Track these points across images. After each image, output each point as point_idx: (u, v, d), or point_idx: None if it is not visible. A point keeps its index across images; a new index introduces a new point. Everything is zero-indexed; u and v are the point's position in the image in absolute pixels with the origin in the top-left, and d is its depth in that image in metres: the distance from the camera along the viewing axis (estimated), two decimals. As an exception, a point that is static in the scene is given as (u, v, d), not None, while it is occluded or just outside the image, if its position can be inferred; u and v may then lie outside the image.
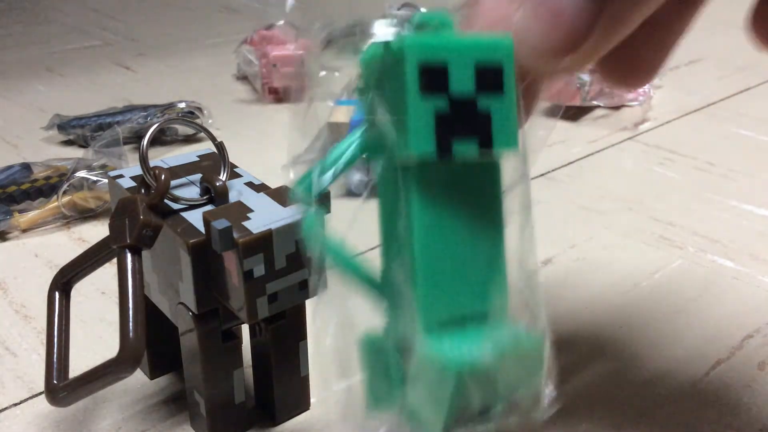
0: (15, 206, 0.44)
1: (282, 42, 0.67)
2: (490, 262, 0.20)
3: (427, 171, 0.19)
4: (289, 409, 0.30)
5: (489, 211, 0.20)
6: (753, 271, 0.39)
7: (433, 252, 0.19)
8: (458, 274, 0.19)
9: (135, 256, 0.26)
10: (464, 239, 0.19)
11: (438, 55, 0.18)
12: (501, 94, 0.19)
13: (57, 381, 0.27)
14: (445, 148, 0.18)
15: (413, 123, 0.18)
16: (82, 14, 0.95)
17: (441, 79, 0.18)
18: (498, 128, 0.19)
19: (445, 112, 0.18)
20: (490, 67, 0.19)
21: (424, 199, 0.19)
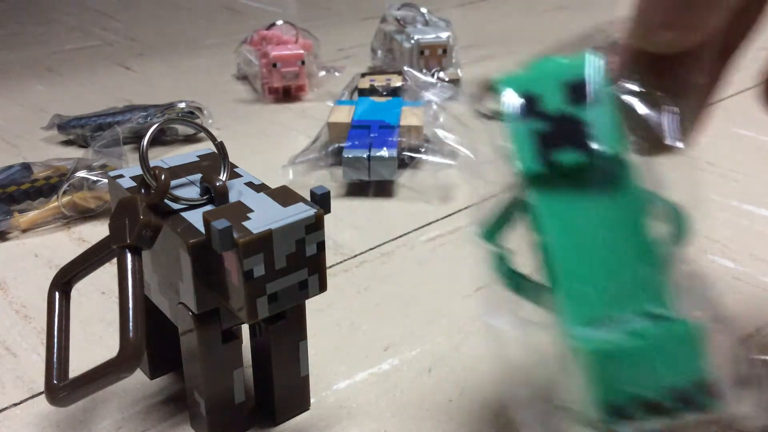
0: (15, 206, 0.44)
1: (282, 42, 0.67)
2: (639, 256, 0.20)
3: (546, 186, 0.21)
4: (289, 409, 0.30)
5: (626, 209, 0.21)
6: (753, 271, 0.39)
7: (568, 259, 0.20)
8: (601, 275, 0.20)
9: (135, 256, 0.26)
10: (603, 240, 0.20)
11: (527, 86, 0.21)
12: (595, 103, 0.20)
13: (57, 381, 0.27)
14: (548, 160, 0.20)
15: (515, 146, 0.21)
16: (82, 14, 0.95)
17: (533, 104, 0.21)
18: (599, 133, 0.20)
19: (544, 131, 0.21)
20: (579, 82, 0.21)
21: (547, 206, 0.21)
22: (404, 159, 0.49)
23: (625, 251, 0.20)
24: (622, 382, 0.19)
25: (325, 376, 0.32)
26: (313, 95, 0.66)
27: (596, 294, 0.20)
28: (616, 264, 0.20)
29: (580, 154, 0.20)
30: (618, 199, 0.21)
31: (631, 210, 0.21)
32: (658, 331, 0.19)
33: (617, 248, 0.20)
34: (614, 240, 0.20)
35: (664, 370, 0.19)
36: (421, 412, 0.30)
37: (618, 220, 0.20)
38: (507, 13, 0.97)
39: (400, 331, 0.35)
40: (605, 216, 0.20)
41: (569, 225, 0.20)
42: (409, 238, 0.43)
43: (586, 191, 0.21)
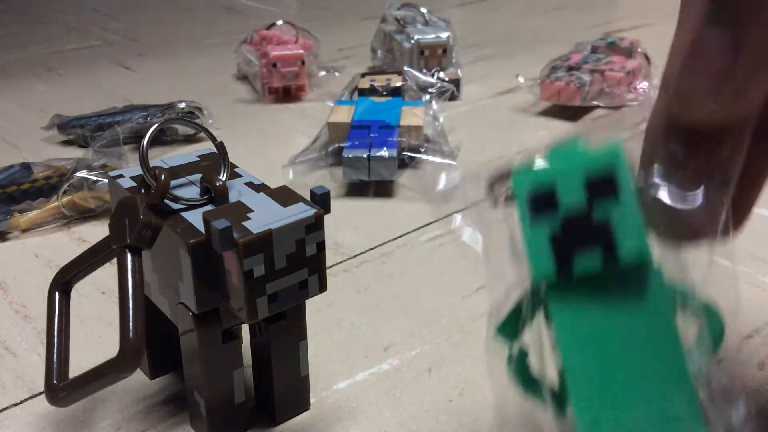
0: (15, 206, 0.44)
1: (282, 42, 0.67)
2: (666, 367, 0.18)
3: (564, 295, 0.19)
4: (289, 409, 0.30)
5: (653, 318, 0.19)
6: (753, 271, 0.39)
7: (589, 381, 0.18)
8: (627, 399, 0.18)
9: (135, 256, 0.26)
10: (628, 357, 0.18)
11: (543, 181, 0.18)
12: (617, 201, 0.18)
13: (57, 381, 0.27)
14: (566, 269, 0.18)
15: (529, 251, 0.19)
16: (82, 14, 0.95)
17: (549, 202, 0.18)
18: (622, 237, 0.18)
19: (561, 234, 0.18)
20: (600, 177, 0.18)
21: (566, 319, 0.19)
22: (404, 159, 0.49)
23: (652, 370, 0.18)
24: None
25: (325, 376, 0.32)
26: (313, 95, 0.66)
27: (619, 422, 0.18)
28: (643, 386, 0.18)
29: (601, 258, 0.18)
30: (643, 308, 0.19)
31: (659, 319, 0.19)
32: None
33: (643, 366, 0.18)
34: (640, 356, 0.18)
35: None
36: (421, 412, 0.30)
37: (644, 332, 0.19)
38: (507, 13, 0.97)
39: (400, 331, 0.35)
40: (629, 328, 0.18)
41: (590, 340, 0.18)
42: (409, 238, 0.43)
43: (607, 298, 0.19)
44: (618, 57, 0.64)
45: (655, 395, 0.18)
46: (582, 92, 0.59)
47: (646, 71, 0.65)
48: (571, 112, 0.62)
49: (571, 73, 0.61)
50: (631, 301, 0.19)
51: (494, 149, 0.55)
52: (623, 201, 0.18)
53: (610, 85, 0.61)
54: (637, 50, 0.66)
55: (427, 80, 0.59)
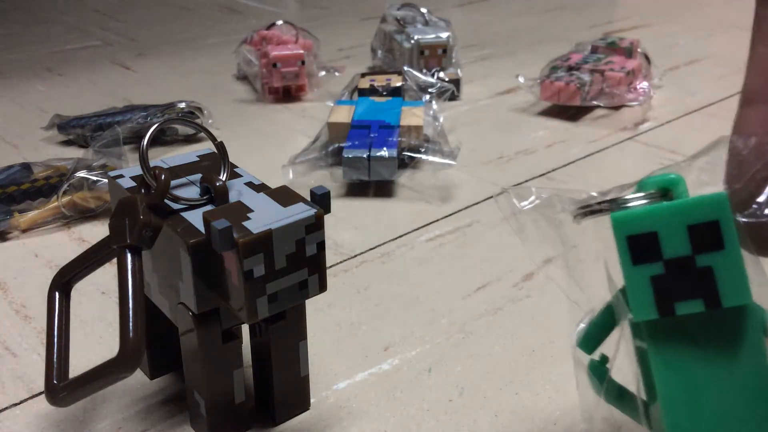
0: (15, 206, 0.44)
1: (282, 42, 0.67)
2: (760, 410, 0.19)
3: (662, 327, 0.19)
4: (288, 409, 0.30)
5: (745, 353, 0.19)
6: (753, 271, 0.39)
7: (682, 409, 0.19)
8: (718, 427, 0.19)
9: (135, 256, 0.26)
10: (720, 388, 0.19)
11: (644, 225, 0.19)
12: (721, 249, 0.19)
13: (57, 381, 0.27)
14: (666, 311, 0.19)
15: (631, 293, 0.19)
16: (82, 14, 0.95)
17: (652, 246, 0.19)
18: (724, 283, 0.19)
19: (663, 276, 0.19)
20: (704, 225, 0.19)
21: (665, 354, 0.19)
22: (404, 159, 0.49)
23: (743, 396, 0.19)
24: None
25: (325, 376, 0.32)
26: (313, 95, 0.66)
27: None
28: (733, 408, 0.19)
29: (703, 304, 0.19)
30: (740, 349, 0.19)
31: (755, 361, 0.19)
32: None
33: (735, 393, 0.19)
34: (732, 384, 0.19)
35: None
36: (421, 412, 0.30)
37: (739, 374, 0.19)
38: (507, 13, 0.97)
39: (400, 331, 0.35)
40: (724, 360, 0.19)
41: (685, 371, 0.19)
42: (409, 238, 0.43)
43: (705, 343, 0.19)
44: (618, 57, 0.64)
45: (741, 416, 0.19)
46: (582, 92, 0.59)
47: (646, 71, 0.65)
48: (571, 112, 0.62)
49: (571, 73, 0.61)
50: (729, 341, 0.19)
51: (494, 149, 0.55)
52: (727, 249, 0.19)
53: (610, 85, 0.61)
54: (637, 50, 0.66)
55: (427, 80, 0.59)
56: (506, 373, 0.32)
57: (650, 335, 0.19)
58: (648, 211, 0.19)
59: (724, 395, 0.19)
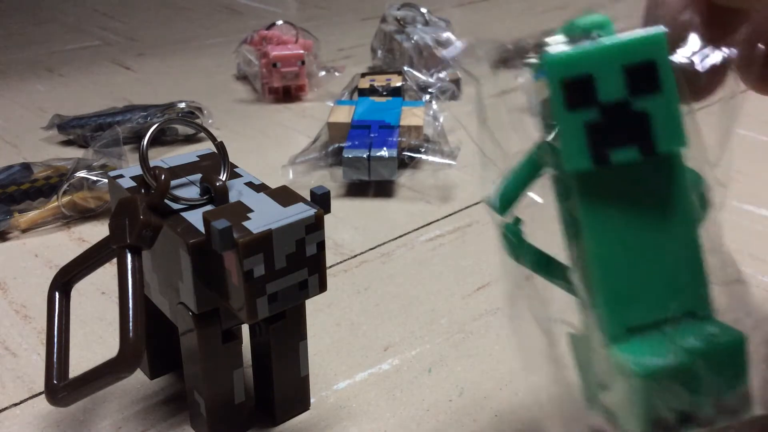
0: (15, 206, 0.44)
1: (282, 42, 0.67)
2: (683, 259, 0.19)
3: (593, 179, 0.18)
4: (288, 409, 0.30)
5: (673, 204, 0.19)
6: (753, 271, 0.39)
7: (610, 260, 0.19)
8: (646, 277, 0.19)
9: (135, 256, 0.26)
10: (647, 240, 0.19)
11: (580, 67, 0.18)
12: (658, 91, 0.18)
13: (57, 381, 0.27)
14: (602, 159, 0.18)
15: (564, 139, 0.18)
16: (82, 14, 0.95)
17: (587, 90, 0.18)
18: (660, 127, 0.18)
19: (598, 122, 0.18)
20: (641, 65, 0.18)
21: (594, 206, 0.19)
22: (404, 159, 0.49)
23: (668, 244, 0.19)
24: (666, 399, 0.18)
25: (325, 376, 0.32)
26: (313, 95, 0.66)
27: (638, 298, 0.19)
28: (658, 259, 0.19)
29: (639, 150, 0.18)
30: (668, 195, 0.19)
31: (681, 204, 0.19)
32: (705, 346, 0.18)
33: (661, 241, 0.19)
34: (658, 233, 0.19)
35: (709, 383, 0.18)
36: (421, 412, 0.30)
37: (666, 217, 0.19)
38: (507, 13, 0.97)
39: (400, 331, 0.35)
40: (653, 214, 0.19)
41: (614, 224, 0.19)
42: (409, 238, 0.43)
43: (635, 187, 0.19)
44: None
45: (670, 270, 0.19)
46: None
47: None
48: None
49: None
50: (656, 189, 0.19)
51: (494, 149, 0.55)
52: (664, 91, 0.18)
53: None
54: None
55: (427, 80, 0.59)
56: (506, 373, 0.32)
57: (580, 189, 0.18)
58: (584, 52, 0.18)
59: (653, 255, 0.19)
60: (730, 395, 0.18)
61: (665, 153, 0.18)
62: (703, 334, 0.18)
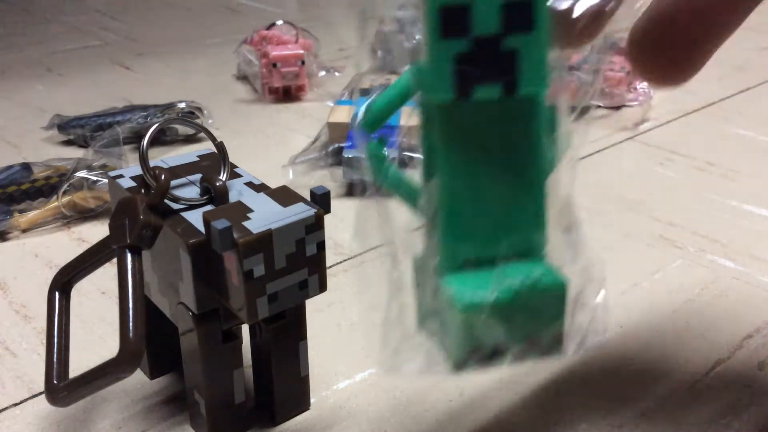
0: (15, 206, 0.44)
1: (282, 42, 0.67)
2: (526, 201, 0.19)
3: (454, 112, 0.18)
4: (288, 409, 0.30)
5: (526, 148, 0.19)
6: (753, 271, 0.39)
7: (457, 193, 0.19)
8: (489, 214, 0.19)
9: (135, 256, 0.26)
10: (496, 179, 0.19)
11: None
12: (530, 31, 0.18)
13: (57, 381, 0.27)
14: (464, 93, 0.18)
15: (431, 67, 0.18)
16: (82, 14, 0.95)
17: (462, 19, 0.17)
18: (526, 68, 0.18)
19: (467, 54, 0.18)
20: (518, 3, 0.17)
21: (451, 139, 0.19)
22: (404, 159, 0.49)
23: (516, 184, 0.19)
24: (483, 332, 0.19)
25: (325, 376, 0.32)
26: (313, 95, 0.66)
27: (476, 232, 0.19)
28: (505, 198, 0.19)
29: (501, 90, 0.18)
30: (524, 137, 0.19)
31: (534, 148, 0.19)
32: (529, 286, 0.19)
33: (509, 181, 0.19)
34: (508, 172, 0.19)
35: (527, 321, 0.19)
36: (421, 412, 0.30)
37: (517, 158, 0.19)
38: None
39: (400, 331, 0.35)
40: (506, 154, 0.19)
41: (467, 159, 0.19)
42: (409, 238, 0.43)
43: (494, 125, 0.19)
44: (618, 57, 0.64)
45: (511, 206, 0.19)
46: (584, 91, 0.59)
47: (646, 71, 0.65)
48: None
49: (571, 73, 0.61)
50: (515, 136, 0.19)
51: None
52: (536, 33, 0.18)
53: (610, 85, 0.61)
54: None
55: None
56: (506, 373, 0.32)
57: (441, 119, 0.19)
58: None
59: (498, 193, 0.19)
60: (544, 335, 0.19)
61: (527, 95, 0.18)
62: (529, 274, 0.19)
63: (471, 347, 0.19)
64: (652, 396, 0.31)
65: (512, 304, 0.19)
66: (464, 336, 0.19)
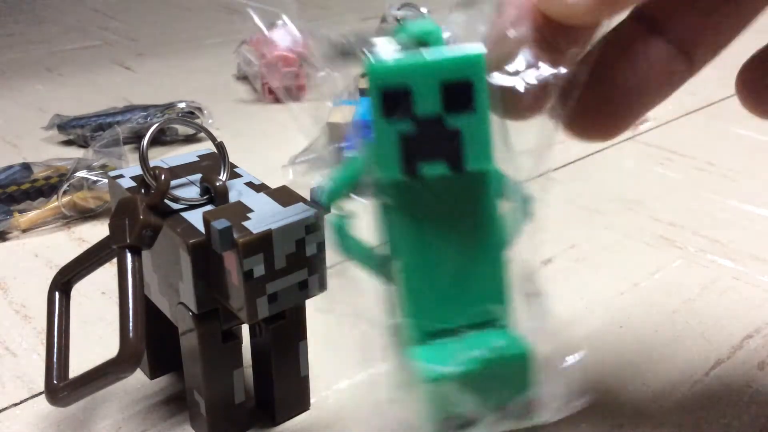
0: (15, 206, 0.44)
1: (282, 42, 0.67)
2: (486, 270, 0.20)
3: (405, 188, 0.19)
4: (288, 409, 0.30)
5: (480, 221, 0.19)
6: (753, 271, 0.39)
7: (416, 266, 0.19)
8: (450, 287, 0.19)
9: (135, 256, 0.26)
10: (454, 250, 0.19)
11: (400, 78, 0.18)
12: (471, 110, 0.18)
13: (57, 381, 0.27)
14: (411, 171, 0.19)
15: (379, 147, 0.19)
16: (82, 14, 0.95)
17: (404, 101, 0.18)
18: (470, 146, 0.19)
19: (411, 134, 0.18)
20: (457, 84, 0.18)
21: (406, 214, 0.19)
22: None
23: (474, 256, 0.20)
24: (453, 404, 0.19)
25: (325, 376, 0.32)
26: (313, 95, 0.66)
27: (439, 305, 0.20)
28: (463, 271, 0.20)
29: (447, 166, 0.19)
30: (476, 210, 0.20)
31: (488, 219, 0.20)
32: (494, 357, 0.19)
33: (467, 254, 0.20)
34: (465, 246, 0.20)
35: (495, 391, 0.19)
36: (421, 412, 0.30)
37: (473, 230, 0.20)
38: (507, 13, 0.96)
39: (400, 331, 0.35)
40: (461, 226, 0.19)
41: (423, 233, 0.19)
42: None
43: (446, 200, 0.19)
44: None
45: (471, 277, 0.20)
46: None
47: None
48: (571, 112, 0.62)
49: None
50: (467, 204, 0.19)
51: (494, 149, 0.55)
52: (477, 111, 0.18)
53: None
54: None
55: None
56: (506, 373, 0.32)
57: (393, 195, 0.19)
58: (404, 65, 0.18)
59: (457, 264, 0.19)
60: (514, 404, 0.19)
61: (474, 171, 0.19)
62: (493, 344, 0.19)
63: (442, 417, 0.19)
64: (652, 396, 0.30)
65: (477, 375, 0.19)
66: (434, 407, 0.19)
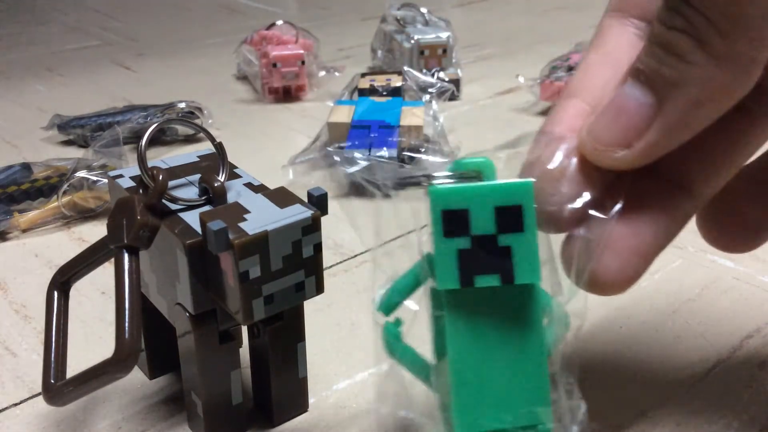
0: (15, 206, 0.44)
1: (282, 42, 0.67)
2: (529, 375, 0.21)
3: (459, 297, 0.21)
4: (287, 410, 0.30)
5: (526, 329, 0.21)
6: (753, 271, 0.39)
7: (466, 369, 0.21)
8: (496, 390, 0.21)
9: (132, 256, 0.26)
10: (501, 355, 0.21)
11: (458, 202, 0.21)
12: (521, 231, 0.21)
13: (54, 380, 0.27)
14: (467, 282, 0.21)
15: (438, 261, 0.21)
16: (82, 14, 0.95)
17: (462, 222, 0.21)
18: (520, 262, 0.21)
19: (468, 250, 0.21)
20: (509, 208, 0.21)
21: (458, 320, 0.21)
22: (404, 159, 0.49)
23: (520, 361, 0.21)
24: None
25: (324, 376, 0.32)
26: (313, 95, 0.66)
27: (486, 407, 0.21)
28: (510, 374, 0.21)
29: (500, 279, 0.21)
30: (523, 319, 0.22)
31: (533, 328, 0.22)
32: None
33: (513, 358, 0.21)
34: (512, 350, 0.21)
35: None
36: (419, 413, 0.30)
37: (519, 337, 0.21)
38: (507, 13, 0.97)
39: (399, 332, 0.35)
40: (508, 333, 0.21)
41: (474, 338, 0.21)
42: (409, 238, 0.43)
43: (496, 308, 0.21)
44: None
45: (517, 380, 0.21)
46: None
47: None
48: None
49: (571, 73, 0.61)
50: (515, 317, 0.22)
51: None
52: (526, 231, 0.21)
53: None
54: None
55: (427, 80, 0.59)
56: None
57: (449, 303, 0.21)
58: (463, 190, 0.21)
59: (504, 369, 0.21)
60: None
61: (521, 283, 0.21)
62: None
63: None
64: (652, 396, 0.30)
65: None
66: None
